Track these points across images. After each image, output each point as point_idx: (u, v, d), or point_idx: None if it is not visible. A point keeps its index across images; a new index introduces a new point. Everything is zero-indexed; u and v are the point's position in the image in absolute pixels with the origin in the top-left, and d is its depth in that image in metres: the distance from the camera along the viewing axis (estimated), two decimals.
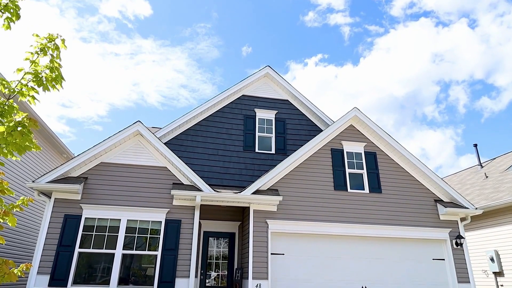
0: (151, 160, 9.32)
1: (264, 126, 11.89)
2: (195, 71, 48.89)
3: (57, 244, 8.10)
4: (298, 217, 9.32)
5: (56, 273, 7.87)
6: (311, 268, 9.13)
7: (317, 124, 12.32)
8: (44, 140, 12.26)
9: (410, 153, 10.50)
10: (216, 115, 11.71)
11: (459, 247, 9.84)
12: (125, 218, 8.62)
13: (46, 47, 3.41)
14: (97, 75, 47.10)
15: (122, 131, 9.12)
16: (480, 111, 46.98)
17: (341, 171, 10.17)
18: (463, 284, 9.49)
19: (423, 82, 47.26)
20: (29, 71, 3.32)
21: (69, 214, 8.40)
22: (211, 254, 10.25)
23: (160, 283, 8.23)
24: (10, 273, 3.15)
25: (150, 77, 48.03)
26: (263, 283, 8.49)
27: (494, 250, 12.65)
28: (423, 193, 10.38)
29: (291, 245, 9.24)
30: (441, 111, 51.58)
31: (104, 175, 8.94)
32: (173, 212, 8.89)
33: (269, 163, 11.20)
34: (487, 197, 13.64)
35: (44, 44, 3.42)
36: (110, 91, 48.55)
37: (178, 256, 8.51)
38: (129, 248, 8.46)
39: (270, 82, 12.57)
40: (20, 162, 10.79)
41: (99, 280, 8.17)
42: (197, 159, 10.88)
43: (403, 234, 9.76)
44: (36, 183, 8.24)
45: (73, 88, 46.56)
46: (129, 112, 49.23)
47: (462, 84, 47.40)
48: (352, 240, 9.62)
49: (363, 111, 13.61)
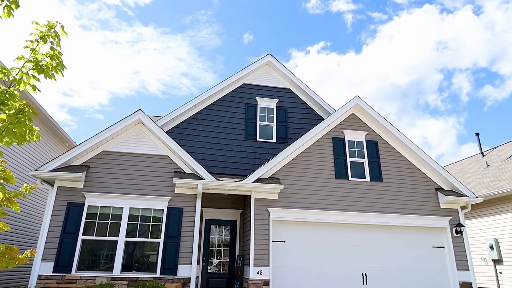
0: (152, 149, 9.36)
1: (265, 115, 11.88)
2: (196, 59, 48.62)
3: (60, 232, 8.20)
4: (299, 205, 9.39)
5: (60, 260, 7.99)
6: (312, 255, 9.23)
7: (318, 113, 12.29)
8: (46, 128, 12.29)
9: (411, 141, 10.50)
10: (218, 104, 11.69)
11: (459, 235, 9.92)
12: (128, 206, 8.71)
13: (46, 34, 3.39)
14: (98, 64, 46.90)
15: (123, 119, 9.14)
16: (483, 99, 46.72)
17: (342, 160, 10.19)
18: (462, 271, 9.59)
19: (426, 70, 46.90)
20: (29, 59, 3.32)
21: (72, 202, 8.48)
22: (213, 241, 10.37)
23: (163, 270, 8.35)
24: (16, 257, 3.21)
25: (151, 65, 47.82)
26: (264, 269, 8.60)
27: (494, 238, 12.75)
28: (424, 182, 10.42)
29: (292, 233, 9.33)
30: (444, 99, 51.30)
31: (106, 164, 9.00)
32: (175, 200, 8.97)
33: (270, 151, 11.23)
34: (488, 185, 13.68)
35: (44, 32, 3.40)
36: (111, 79, 48.41)
37: (180, 243, 8.62)
38: (132, 236, 8.57)
39: (272, 70, 12.51)
40: (23, 150, 10.85)
41: (102, 266, 8.30)
42: (199, 148, 10.91)
43: (403, 222, 9.84)
44: (39, 171, 8.31)
45: (74, 76, 46.44)
46: (130, 100, 49.16)
47: (466, 72, 47.03)
48: (353, 228, 9.70)
49: (365, 99, 13.55)
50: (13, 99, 3.16)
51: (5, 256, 3.17)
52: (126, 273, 8.24)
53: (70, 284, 7.86)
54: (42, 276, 7.83)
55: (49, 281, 7.82)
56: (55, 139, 13.18)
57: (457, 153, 52.31)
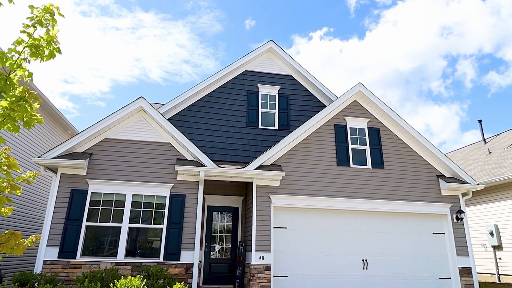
0: (154, 136, 9.38)
1: (267, 102, 11.84)
2: (197, 46, 48.21)
3: (65, 218, 8.30)
4: (300, 192, 9.44)
5: (65, 246, 8.11)
6: (313, 241, 9.33)
7: (320, 100, 12.24)
8: (48, 116, 12.31)
9: (413, 128, 10.48)
10: (219, 91, 11.65)
11: (459, 222, 9.98)
12: (131, 193, 8.79)
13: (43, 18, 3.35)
14: (99, 50, 46.59)
15: (125, 107, 9.14)
16: (487, 86, 46.32)
17: (344, 147, 10.20)
18: (462, 257, 9.69)
19: (430, 56, 46.40)
20: (27, 44, 3.29)
21: (76, 189, 8.56)
22: (215, 227, 10.48)
23: (166, 255, 8.47)
24: (19, 244, 3.25)
25: (152, 52, 47.47)
26: (265, 255, 8.72)
27: (494, 225, 12.84)
28: (425, 169, 10.44)
29: (293, 219, 9.42)
30: (447, 86, 50.91)
31: (109, 151, 9.04)
32: (177, 187, 9.03)
33: (272, 139, 11.24)
34: (490, 172, 13.69)
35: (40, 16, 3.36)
36: (112, 66, 48.16)
37: (183, 229, 8.72)
38: (135, 222, 8.67)
39: (274, 57, 12.41)
40: (26, 138, 10.89)
41: (106, 252, 8.43)
42: (200, 135, 10.93)
43: (404, 209, 9.90)
44: (42, 158, 8.36)
45: (75, 63, 46.20)
46: (132, 88, 49.00)
47: (470, 59, 46.52)
48: (354, 215, 9.77)
49: (368, 86, 13.46)
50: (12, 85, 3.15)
51: (9, 241, 3.20)
52: (130, 259, 8.37)
53: (75, 269, 8.00)
54: (47, 261, 7.97)
55: (54, 266, 7.96)
56: (57, 126, 13.21)
57: (459, 140, 52.20)
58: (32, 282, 6.99)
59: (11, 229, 3.25)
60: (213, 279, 9.89)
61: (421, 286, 9.43)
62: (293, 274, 8.96)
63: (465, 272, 9.57)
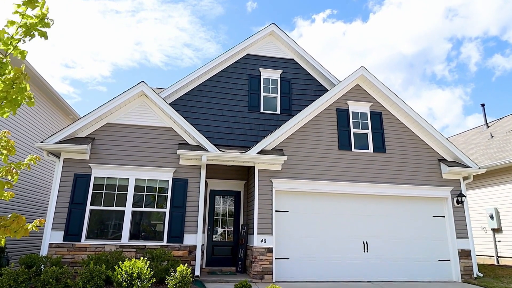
0: (156, 121, 9.39)
1: (269, 86, 11.77)
2: (198, 29, 47.60)
3: (69, 202, 8.41)
4: (302, 176, 9.49)
5: (69, 229, 8.24)
6: (315, 224, 9.44)
7: (323, 84, 12.16)
8: (49, 101, 12.29)
9: (416, 112, 10.44)
10: (221, 75, 11.58)
11: (459, 205, 10.05)
12: (133, 177, 8.86)
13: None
14: (99, 34, 46.10)
15: (126, 91, 9.12)
16: (492, 69, 45.82)
17: (346, 131, 10.19)
18: (462, 240, 9.80)
19: (435, 39, 45.76)
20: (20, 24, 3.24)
21: (79, 174, 8.63)
22: (218, 211, 10.60)
23: (169, 238, 8.60)
24: (23, 227, 3.29)
25: (153, 36, 46.96)
26: (267, 238, 8.84)
27: (494, 208, 12.93)
28: (427, 153, 10.44)
29: (295, 203, 9.50)
30: (452, 69, 50.38)
31: (111, 136, 9.07)
32: (180, 172, 9.09)
33: (274, 123, 11.23)
34: (491, 156, 13.70)
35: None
36: (113, 50, 47.74)
37: (185, 213, 8.82)
38: (139, 206, 8.77)
39: (276, 40, 12.27)
40: (27, 123, 10.91)
41: (111, 235, 8.56)
42: (202, 120, 10.92)
43: (405, 193, 9.96)
44: (44, 143, 8.40)
45: (75, 47, 45.80)
46: (132, 72, 48.70)
47: (475, 41, 45.85)
48: (355, 198, 9.85)
49: (371, 70, 13.36)
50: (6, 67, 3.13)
51: (13, 224, 3.24)
52: (134, 241, 8.51)
53: (80, 251, 8.14)
54: (53, 244, 8.11)
55: (60, 249, 8.10)
56: (59, 111, 13.21)
57: (462, 124, 52.02)
58: (38, 264, 7.13)
59: (15, 213, 3.29)
60: (215, 261, 10.07)
61: (420, 268, 9.58)
62: (294, 257, 9.10)
63: (464, 255, 9.70)
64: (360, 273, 9.23)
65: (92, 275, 6.13)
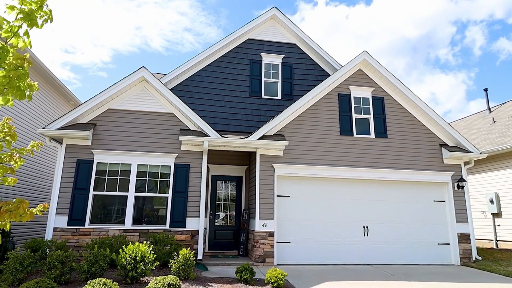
0: (157, 106, 9.38)
1: (270, 71, 11.69)
2: (199, 13, 46.96)
3: (72, 187, 8.49)
4: (303, 162, 9.53)
5: (73, 214, 8.35)
6: (316, 209, 9.53)
7: (324, 69, 12.06)
8: (50, 87, 12.26)
9: (418, 97, 10.39)
10: (222, 60, 11.49)
11: (460, 190, 10.10)
12: (136, 163, 8.91)
13: None
14: (98, 18, 45.56)
15: (127, 77, 9.08)
16: (496, 53, 45.27)
17: (348, 116, 10.17)
18: (461, 224, 9.89)
19: (439, 22, 45.08)
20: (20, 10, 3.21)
21: (82, 159, 8.68)
22: (220, 196, 10.69)
23: (172, 223, 8.71)
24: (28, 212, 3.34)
25: (153, 20, 46.38)
26: (269, 222, 8.94)
27: (495, 193, 12.99)
28: (428, 138, 10.44)
29: (296, 188, 9.56)
30: (456, 53, 49.80)
31: (112, 121, 9.08)
32: (181, 157, 9.14)
33: (275, 108, 11.20)
34: (493, 141, 13.68)
35: None
36: (113, 35, 47.27)
37: (188, 198, 8.91)
38: (141, 191, 8.85)
39: (277, 24, 12.12)
40: (28, 109, 10.91)
41: (114, 220, 8.67)
42: (203, 105, 10.89)
43: (406, 177, 10.00)
44: (46, 129, 8.42)
45: (75, 32, 45.33)
46: (133, 58, 48.32)
47: (480, 24, 45.17)
48: (356, 183, 9.90)
49: (374, 54, 13.21)
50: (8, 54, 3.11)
51: (18, 209, 3.29)
52: (137, 226, 8.63)
53: (84, 236, 8.27)
54: (57, 229, 8.23)
55: (64, 233, 8.22)
56: (60, 97, 13.18)
57: (465, 109, 51.74)
58: (43, 248, 7.25)
59: (19, 198, 3.33)
60: (218, 245, 10.22)
61: (420, 251, 9.70)
62: (295, 240, 9.22)
63: (463, 238, 9.80)
64: (360, 257, 9.36)
65: (96, 258, 6.24)
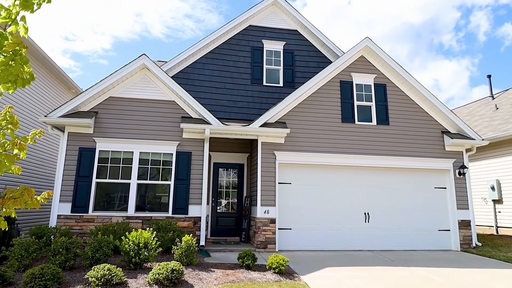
0: (159, 94, 9.36)
1: (272, 58, 11.60)
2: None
3: (75, 175, 8.55)
4: (305, 149, 9.54)
5: (77, 201, 8.43)
6: (317, 196, 9.58)
7: (326, 56, 11.96)
8: (51, 74, 12.22)
9: (420, 84, 10.32)
10: (223, 47, 11.40)
11: (461, 177, 10.12)
12: (138, 151, 8.95)
13: None
14: (98, 5, 45.04)
15: (127, 65, 9.04)
16: (501, 39, 44.67)
17: (349, 104, 10.13)
18: (462, 211, 9.95)
19: (443, 7, 44.40)
20: None
21: (84, 147, 8.72)
22: (221, 183, 10.75)
23: (174, 210, 8.80)
24: (33, 199, 3.37)
25: (153, 7, 45.83)
26: (270, 209, 9.01)
27: (496, 179, 13.01)
28: (430, 125, 10.41)
29: (298, 175, 9.60)
30: (460, 39, 49.19)
31: (114, 109, 9.08)
32: (183, 145, 9.16)
33: (277, 96, 11.15)
34: (495, 128, 13.63)
35: None
36: (113, 22, 46.81)
37: (190, 185, 8.97)
38: (144, 179, 8.91)
39: (279, 10, 11.97)
40: (29, 97, 10.91)
41: (117, 207, 8.76)
42: (205, 93, 10.86)
43: (407, 164, 10.01)
44: (48, 117, 8.44)
45: (75, 19, 44.90)
46: (133, 45, 47.96)
47: (486, 9, 44.47)
48: (358, 170, 9.93)
49: (376, 41, 13.06)
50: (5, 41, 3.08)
51: (23, 196, 3.33)
52: (140, 213, 8.71)
53: (88, 223, 8.37)
54: (61, 216, 8.33)
55: (68, 220, 8.32)
56: (61, 85, 13.15)
57: (468, 96, 51.38)
58: (48, 235, 7.35)
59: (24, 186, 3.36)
60: (220, 232, 10.33)
61: (420, 237, 9.78)
62: (296, 227, 9.31)
63: (464, 225, 9.87)
64: (361, 243, 9.45)
65: (100, 245, 6.33)
